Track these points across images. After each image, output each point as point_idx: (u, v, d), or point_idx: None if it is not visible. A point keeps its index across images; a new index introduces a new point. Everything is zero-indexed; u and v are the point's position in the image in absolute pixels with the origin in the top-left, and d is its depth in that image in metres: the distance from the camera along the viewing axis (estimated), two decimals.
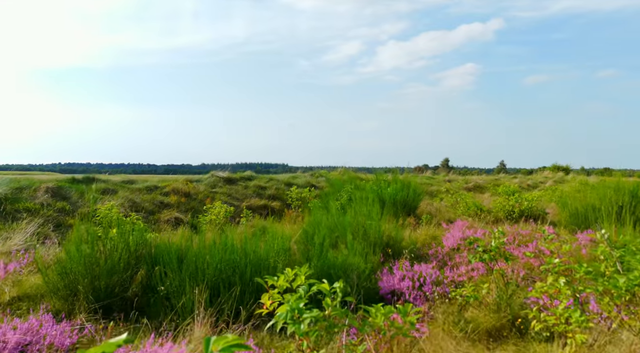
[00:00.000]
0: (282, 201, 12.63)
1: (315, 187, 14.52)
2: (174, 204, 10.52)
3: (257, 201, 12.04)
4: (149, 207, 10.10)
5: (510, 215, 10.30)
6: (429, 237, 8.02)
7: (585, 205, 9.04)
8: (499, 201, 10.70)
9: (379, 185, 12.13)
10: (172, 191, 11.09)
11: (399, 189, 10.53)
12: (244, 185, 12.97)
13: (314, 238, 7.02)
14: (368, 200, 10.69)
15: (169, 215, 9.86)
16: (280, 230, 5.69)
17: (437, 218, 10.08)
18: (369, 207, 7.99)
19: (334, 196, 12.06)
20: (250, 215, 10.09)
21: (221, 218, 9.57)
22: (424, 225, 9.74)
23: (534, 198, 10.41)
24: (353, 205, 10.39)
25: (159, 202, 10.44)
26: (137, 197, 10.27)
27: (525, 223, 10.00)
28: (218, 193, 11.95)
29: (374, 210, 7.48)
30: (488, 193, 21.11)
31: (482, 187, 21.89)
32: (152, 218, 9.72)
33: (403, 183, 10.83)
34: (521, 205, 10.31)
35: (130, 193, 10.25)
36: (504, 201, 10.56)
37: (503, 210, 10.37)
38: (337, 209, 10.57)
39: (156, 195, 10.72)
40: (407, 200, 10.45)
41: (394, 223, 9.11)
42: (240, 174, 13.67)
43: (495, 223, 10.27)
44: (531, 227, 9.10)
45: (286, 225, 10.64)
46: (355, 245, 5.63)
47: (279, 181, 13.98)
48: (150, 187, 11.10)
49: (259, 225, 9.15)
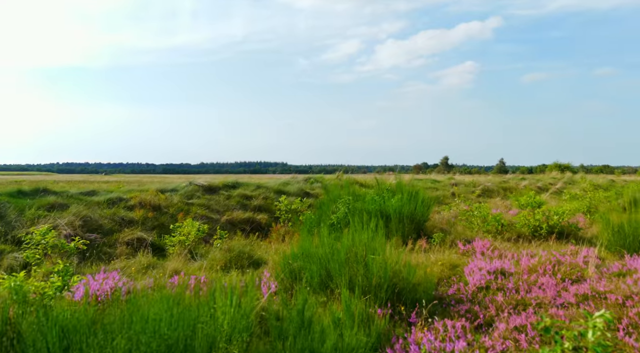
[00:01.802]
0: (271, 213, 11.00)
1: (309, 195, 12.90)
2: (139, 220, 8.88)
3: (240, 214, 10.41)
4: (107, 225, 8.46)
5: (536, 231, 8.69)
6: (447, 266, 6.40)
7: (633, 222, 7.41)
8: (522, 215, 9.07)
9: (381, 194, 10.50)
10: (138, 204, 9.46)
11: (405, 201, 8.90)
12: (226, 194, 11.33)
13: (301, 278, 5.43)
14: (370, 218, 9.08)
15: (131, 235, 8.22)
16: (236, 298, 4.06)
17: (451, 237, 8.45)
18: (369, 232, 6.36)
19: (330, 207, 10.44)
20: (227, 235, 8.44)
21: (192, 239, 7.95)
22: (436, 246, 8.12)
23: (565, 213, 8.78)
24: (351, 224, 8.78)
25: (121, 218, 8.80)
26: (94, 212, 8.63)
27: (556, 242, 8.39)
28: (195, 205, 10.31)
29: (377, 237, 5.85)
30: (498, 197, 19.50)
31: (490, 190, 20.26)
32: (110, 239, 8.08)
33: (410, 193, 9.20)
34: (549, 220, 8.69)
35: (85, 208, 8.61)
36: (529, 215, 8.94)
37: (528, 226, 8.75)
38: (330, 233, 8.95)
39: (118, 209, 9.08)
40: (415, 214, 8.82)
41: (402, 249, 7.49)
42: (223, 181, 12.03)
43: (517, 241, 8.66)
44: (569, 248, 7.48)
45: (272, 246, 9.02)
46: (354, 303, 3.99)
47: (267, 189, 12.34)
48: (113, 200, 9.46)
49: (236, 248, 7.53)
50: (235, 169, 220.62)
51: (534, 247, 7.98)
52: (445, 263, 6.52)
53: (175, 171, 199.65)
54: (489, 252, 7.55)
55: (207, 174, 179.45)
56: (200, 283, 5.82)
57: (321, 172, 61.27)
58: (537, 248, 7.83)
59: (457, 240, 8.30)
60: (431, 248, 8.01)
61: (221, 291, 5.42)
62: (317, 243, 6.00)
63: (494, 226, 8.92)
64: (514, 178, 26.30)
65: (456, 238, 8.36)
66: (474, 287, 5.41)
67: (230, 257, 7.27)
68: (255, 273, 6.79)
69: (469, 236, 8.60)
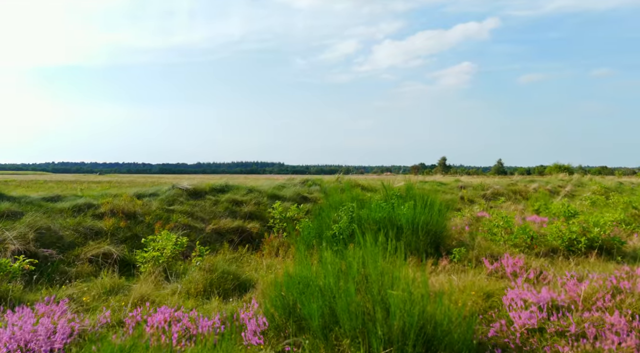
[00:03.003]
0: (264, 221, 9.73)
1: (306, 200, 11.63)
2: (108, 231, 7.58)
3: (228, 222, 9.12)
4: (69, 238, 7.17)
5: (572, 245, 7.44)
6: (480, 295, 5.14)
7: None
8: (555, 226, 7.83)
9: (390, 200, 9.24)
10: (109, 211, 8.16)
11: (419, 210, 7.63)
12: (213, 199, 10.04)
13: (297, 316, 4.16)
14: (378, 229, 7.81)
15: (96, 250, 6.93)
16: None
17: (474, 252, 7.20)
18: (379, 248, 5.10)
19: (330, 214, 9.18)
20: (208, 251, 7.18)
21: (168, 255, 6.67)
22: (457, 264, 6.87)
23: (607, 224, 7.53)
24: (357, 237, 7.51)
25: (87, 229, 7.51)
26: (54, 222, 7.34)
27: (597, 258, 7.15)
28: (176, 212, 9.02)
29: (393, 257, 4.60)
30: (509, 201, 18.27)
31: (500, 193, 19.02)
32: (70, 255, 6.78)
33: (423, 199, 7.93)
34: (587, 232, 7.45)
35: (44, 217, 7.31)
36: (563, 227, 7.70)
37: (562, 239, 7.51)
38: (332, 246, 7.68)
39: (84, 218, 7.79)
40: (431, 225, 7.56)
41: (421, 269, 6.23)
42: (211, 185, 10.75)
43: (550, 256, 7.42)
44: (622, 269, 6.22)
45: (264, 261, 7.75)
46: None
47: (260, 193, 11.06)
48: (80, 206, 8.16)
49: (220, 267, 6.24)
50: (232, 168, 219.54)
51: (574, 266, 6.74)
52: (477, 291, 5.26)
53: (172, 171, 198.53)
54: (523, 272, 6.31)
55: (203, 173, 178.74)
56: (166, 320, 4.55)
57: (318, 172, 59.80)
58: (578, 267, 6.59)
59: (482, 256, 7.04)
60: (452, 267, 6.76)
61: (189, 339, 4.14)
62: (317, 270, 4.74)
63: (522, 239, 7.66)
64: (522, 180, 25.08)
65: (480, 255, 7.11)
66: (522, 329, 4.15)
67: (211, 279, 5.99)
68: (240, 302, 5.52)
69: (494, 251, 7.34)
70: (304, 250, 8.08)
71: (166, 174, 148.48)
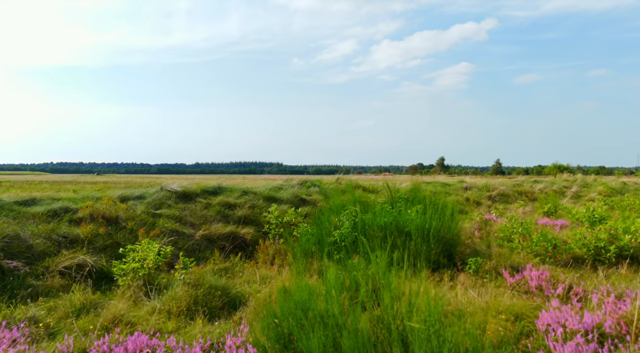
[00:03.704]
0: (259, 225, 8.99)
1: (305, 203, 10.90)
2: (85, 239, 6.84)
3: (220, 227, 8.38)
4: (41, 246, 6.42)
5: (599, 254, 6.72)
6: (507, 317, 4.41)
7: None
8: (579, 232, 7.11)
9: (396, 204, 8.52)
10: (88, 216, 7.42)
11: (430, 215, 6.90)
12: (204, 202, 9.30)
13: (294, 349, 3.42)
14: (384, 236, 7.08)
15: (70, 260, 6.19)
16: None
17: (492, 262, 6.46)
18: (384, 257, 4.38)
19: (330, 218, 8.46)
20: (194, 263, 6.45)
21: (150, 266, 5.93)
22: (473, 276, 6.15)
23: (639, 230, 6.80)
24: (361, 246, 6.78)
25: (62, 236, 6.77)
26: (24, 229, 6.59)
27: (629, 269, 6.43)
28: (163, 216, 8.27)
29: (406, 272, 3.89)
30: (516, 203, 17.55)
31: (506, 195, 18.31)
32: (40, 266, 6.04)
33: (434, 204, 7.21)
34: (617, 240, 6.72)
35: (13, 223, 6.57)
36: (588, 234, 6.98)
37: (587, 248, 6.79)
38: (332, 255, 6.94)
39: (59, 224, 7.04)
40: (443, 231, 6.84)
41: (434, 283, 5.51)
42: (202, 187, 10.00)
43: (575, 266, 6.70)
44: None
45: (258, 271, 7.01)
46: None
47: (256, 195, 10.32)
48: (57, 211, 7.42)
49: (207, 282, 5.50)
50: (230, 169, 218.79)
51: (604, 278, 6.02)
52: (501, 309, 4.53)
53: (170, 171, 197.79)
54: (549, 286, 5.59)
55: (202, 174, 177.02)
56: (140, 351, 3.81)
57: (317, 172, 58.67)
58: (609, 280, 5.87)
59: (501, 267, 6.32)
60: (468, 279, 6.03)
61: None
62: (317, 288, 4.01)
63: (543, 247, 6.94)
64: (526, 180, 24.37)
65: (499, 265, 6.38)
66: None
67: (196, 296, 5.25)
68: (228, 324, 4.79)
69: (514, 261, 6.61)
70: (302, 260, 7.37)
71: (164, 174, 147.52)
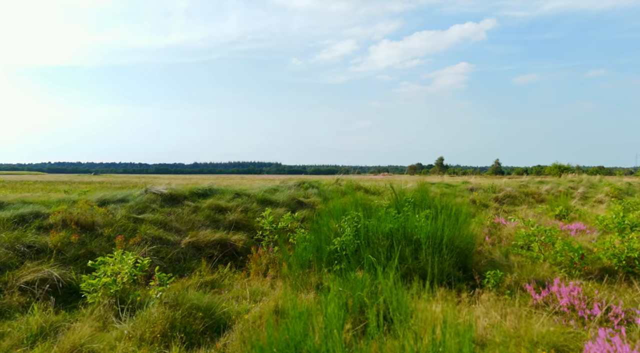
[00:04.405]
0: (251, 231, 8.24)
1: (302, 205, 10.15)
2: (54, 248, 6.08)
3: (209, 234, 7.63)
4: (2, 258, 5.66)
5: (633, 265, 5.99)
6: (544, 349, 3.66)
7: None
8: (607, 241, 6.37)
9: (401, 208, 7.77)
10: (60, 222, 6.66)
11: (442, 221, 6.14)
12: (193, 206, 8.54)
13: None
14: (390, 244, 6.33)
15: (34, 274, 5.43)
16: None
17: (513, 276, 5.71)
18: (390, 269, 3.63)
19: (330, 222, 7.72)
20: (173, 279, 5.71)
21: (124, 281, 5.17)
22: (491, 292, 5.40)
23: None
24: (365, 256, 6.02)
25: (27, 246, 6.00)
26: None
27: None
28: (146, 222, 7.52)
29: None
30: (523, 205, 16.80)
31: (513, 196, 17.56)
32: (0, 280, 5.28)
33: (448, 208, 6.46)
34: None
35: None
36: (617, 242, 6.24)
37: (618, 258, 6.05)
38: (333, 265, 6.19)
39: (26, 231, 6.28)
40: (457, 240, 6.08)
41: (452, 307, 4.75)
42: (191, 189, 9.25)
43: (603, 278, 5.96)
44: None
45: (248, 285, 6.25)
46: None
47: (249, 198, 9.57)
48: (25, 217, 6.66)
49: (187, 301, 4.75)
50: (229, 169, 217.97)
51: None
52: (536, 339, 3.78)
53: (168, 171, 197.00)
54: (583, 304, 4.85)
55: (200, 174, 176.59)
56: None
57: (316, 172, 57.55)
58: None
59: (523, 281, 5.57)
60: (487, 296, 5.29)
61: None
62: (315, 320, 3.26)
63: (568, 257, 6.20)
64: (531, 181, 23.63)
65: (521, 279, 5.63)
66: None
67: (174, 318, 4.50)
68: None
69: (538, 274, 5.87)
70: (298, 271, 6.61)
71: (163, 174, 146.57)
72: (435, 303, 4.56)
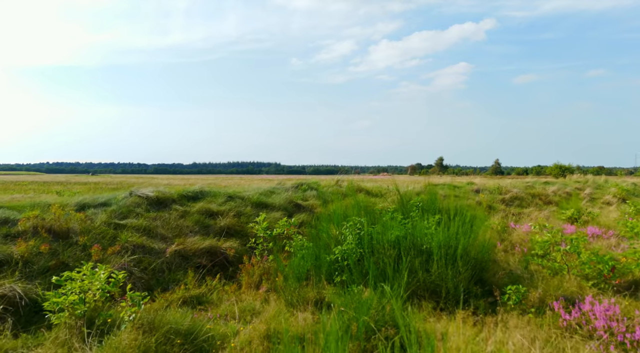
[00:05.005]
0: (245, 238, 7.58)
1: (300, 209, 9.49)
2: (21, 259, 5.42)
3: (198, 241, 6.97)
4: None
5: None
6: None
7: None
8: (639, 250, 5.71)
9: (408, 213, 7.13)
10: (31, 229, 6.00)
11: (456, 229, 5.48)
12: (181, 210, 7.88)
13: None
14: (398, 255, 5.66)
15: None
16: None
17: (537, 291, 5.05)
18: None
19: (330, 228, 7.07)
20: (146, 299, 5.06)
21: (96, 299, 4.51)
22: (514, 308, 4.74)
23: None
24: (368, 267, 5.36)
25: None
26: None
27: None
28: (128, 228, 6.86)
29: None
30: (531, 207, 16.14)
31: (520, 198, 16.90)
32: None
33: (463, 214, 5.79)
34: None
35: None
36: None
37: None
38: (334, 277, 5.53)
39: None
40: (469, 249, 5.42)
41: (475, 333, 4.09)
42: (180, 191, 8.59)
43: (635, 292, 5.31)
44: None
45: (236, 301, 5.58)
46: None
47: (243, 201, 8.91)
48: None
49: (164, 323, 4.09)
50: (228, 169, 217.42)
51: None
52: None
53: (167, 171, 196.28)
54: (621, 326, 4.20)
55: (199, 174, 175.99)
56: None
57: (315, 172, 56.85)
58: None
59: (549, 297, 4.92)
60: (509, 314, 4.63)
61: None
62: None
63: (596, 269, 5.54)
64: (536, 182, 22.96)
65: (547, 295, 4.97)
66: None
67: (148, 345, 3.83)
68: None
69: (565, 290, 5.20)
70: (295, 284, 5.96)
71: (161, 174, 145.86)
72: (454, 325, 3.89)
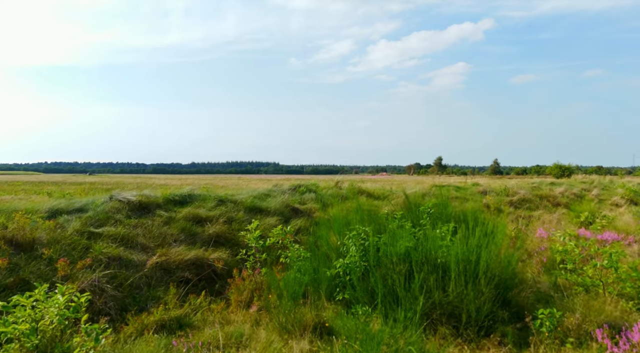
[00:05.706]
0: (236, 247, 6.84)
1: (298, 213, 8.75)
2: None
3: (183, 251, 6.23)
4: None
5: None
6: None
7: None
8: None
9: (418, 220, 6.40)
10: None
11: (476, 241, 4.74)
12: (166, 216, 7.13)
13: None
14: (410, 271, 4.92)
15: None
16: None
17: (575, 316, 4.32)
18: None
19: (330, 237, 6.35)
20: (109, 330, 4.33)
21: (53, 328, 3.77)
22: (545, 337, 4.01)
23: None
24: (375, 285, 4.61)
25: None
26: None
27: None
28: (104, 237, 6.11)
29: None
30: (540, 209, 15.41)
31: (528, 200, 16.17)
32: None
33: (482, 224, 5.04)
34: None
35: None
36: None
37: None
38: (335, 295, 4.79)
39: None
40: (492, 267, 4.68)
41: None
42: (167, 195, 7.84)
43: None
44: None
45: (224, 326, 4.84)
46: None
47: (235, 205, 8.16)
48: None
49: None
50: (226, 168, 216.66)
51: None
52: None
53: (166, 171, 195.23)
54: None
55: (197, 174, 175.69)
56: None
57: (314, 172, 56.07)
58: None
59: (589, 325, 4.18)
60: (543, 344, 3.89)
61: None
62: None
63: (637, 287, 4.81)
64: (542, 182, 22.23)
65: (585, 323, 4.23)
66: None
67: None
68: None
69: (608, 313, 4.46)
70: (290, 302, 5.22)
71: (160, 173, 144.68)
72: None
